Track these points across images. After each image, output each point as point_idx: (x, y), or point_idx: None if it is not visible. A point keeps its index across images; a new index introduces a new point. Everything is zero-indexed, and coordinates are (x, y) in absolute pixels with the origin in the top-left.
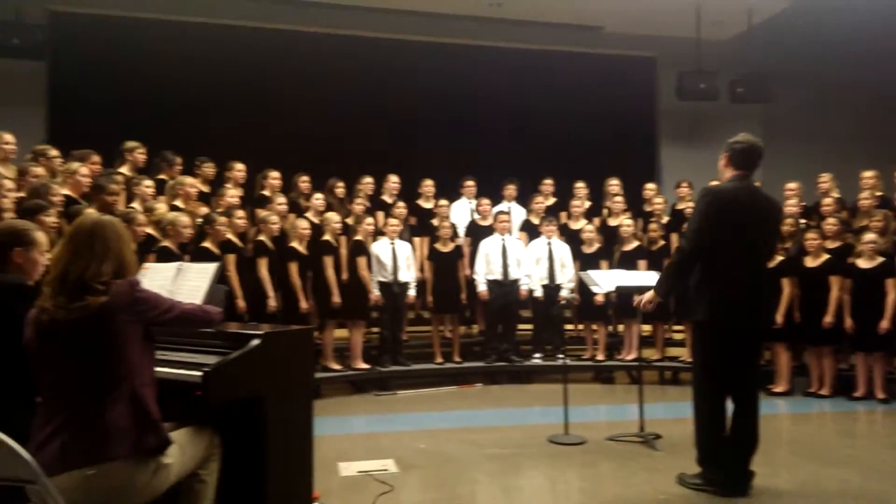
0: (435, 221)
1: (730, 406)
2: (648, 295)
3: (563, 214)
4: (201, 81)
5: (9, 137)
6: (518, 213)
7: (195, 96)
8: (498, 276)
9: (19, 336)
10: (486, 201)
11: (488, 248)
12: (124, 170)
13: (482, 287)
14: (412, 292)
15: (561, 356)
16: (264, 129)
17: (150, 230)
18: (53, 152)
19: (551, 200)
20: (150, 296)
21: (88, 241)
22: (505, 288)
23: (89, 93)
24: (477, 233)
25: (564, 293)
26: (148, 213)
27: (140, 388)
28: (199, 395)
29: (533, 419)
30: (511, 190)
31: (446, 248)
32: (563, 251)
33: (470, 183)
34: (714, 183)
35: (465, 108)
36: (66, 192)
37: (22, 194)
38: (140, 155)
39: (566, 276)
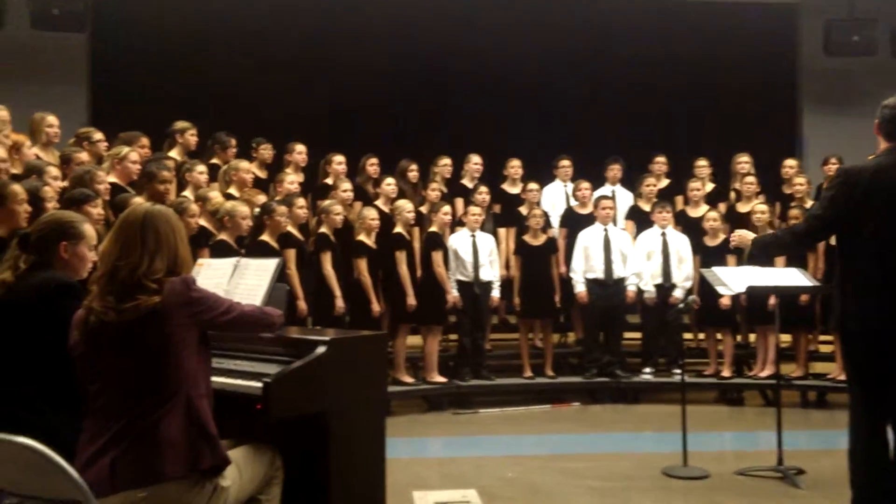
0: (523, 209)
1: (892, 435)
2: (743, 236)
3: (680, 199)
4: (258, 55)
5: (52, 120)
6: (624, 199)
7: (251, 71)
8: (599, 273)
9: (64, 340)
10: (585, 184)
11: (588, 241)
12: (175, 154)
13: (580, 287)
14: (496, 293)
15: (677, 371)
16: (327, 108)
17: (203, 222)
18: (98, 135)
19: (665, 182)
20: (206, 295)
21: (139, 234)
22: (608, 288)
23: (135, 68)
24: (574, 222)
25: (681, 294)
26: (201, 203)
27: (196, 399)
28: (260, 409)
29: (643, 446)
30: (615, 170)
31: (537, 240)
32: (680, 243)
33: (565, 163)
34: (870, 157)
35: (560, 73)
36: (113, 179)
37: (65, 183)
38: (192, 137)
39: (684, 274)
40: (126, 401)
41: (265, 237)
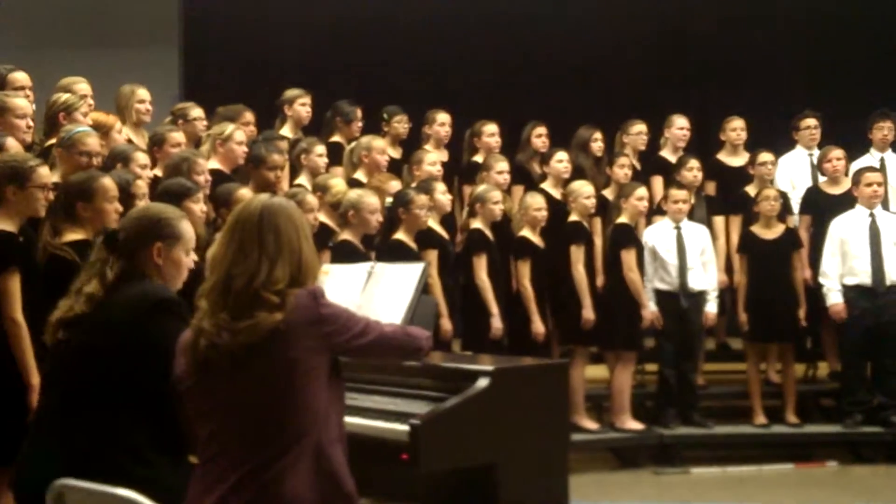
0: (751, 188)
1: None
2: None
3: None
4: (388, 5)
5: (143, 93)
6: None
7: (372, 22)
8: (864, 279)
9: (167, 369)
10: (837, 152)
11: (843, 232)
12: (286, 131)
13: (836, 299)
14: (712, 307)
15: None
16: (476, 66)
17: (323, 217)
18: (196, 111)
19: None
20: (339, 312)
21: (257, 234)
22: (879, 300)
23: (235, 27)
24: (824, 206)
25: None
26: (320, 193)
27: (328, 445)
28: (406, 460)
29: None
30: (885, 130)
31: (771, 232)
32: None
33: (810, 122)
34: None
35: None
36: (214, 164)
37: (156, 172)
38: (302, 108)
39: None
40: (244, 446)
41: (400, 235)
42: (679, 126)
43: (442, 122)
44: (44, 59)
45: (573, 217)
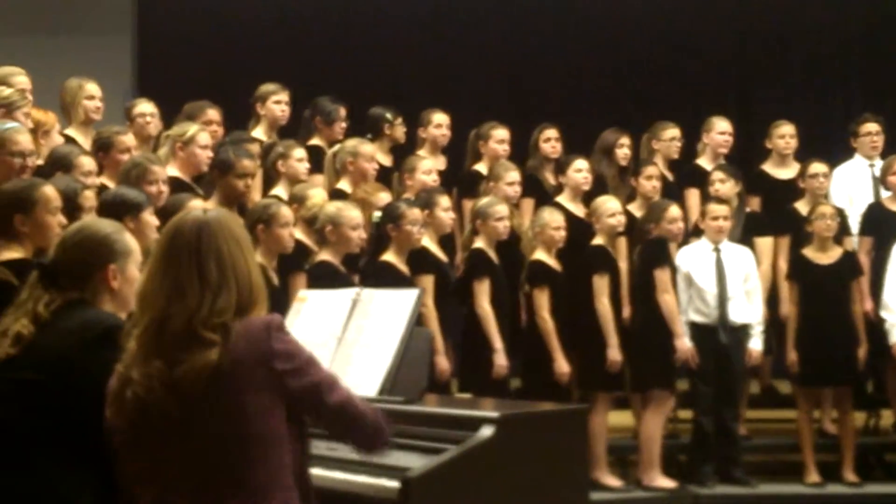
0: (801, 205)
1: None
2: None
3: None
4: None
5: (93, 89)
6: None
7: (360, 8)
8: None
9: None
10: None
11: None
12: (259, 133)
13: None
14: (757, 344)
15: None
16: (480, 61)
17: (299, 233)
18: (149, 108)
19: None
20: (298, 351)
21: (195, 264)
22: None
23: (195, 9)
24: (888, 225)
25: None
26: (296, 205)
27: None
28: None
29: None
30: None
31: (826, 256)
32: None
33: (871, 127)
34: None
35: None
36: (174, 171)
37: (103, 179)
38: (276, 106)
39: None
40: None
41: (389, 256)
42: (720, 130)
43: (438, 123)
44: None
45: (598, 240)
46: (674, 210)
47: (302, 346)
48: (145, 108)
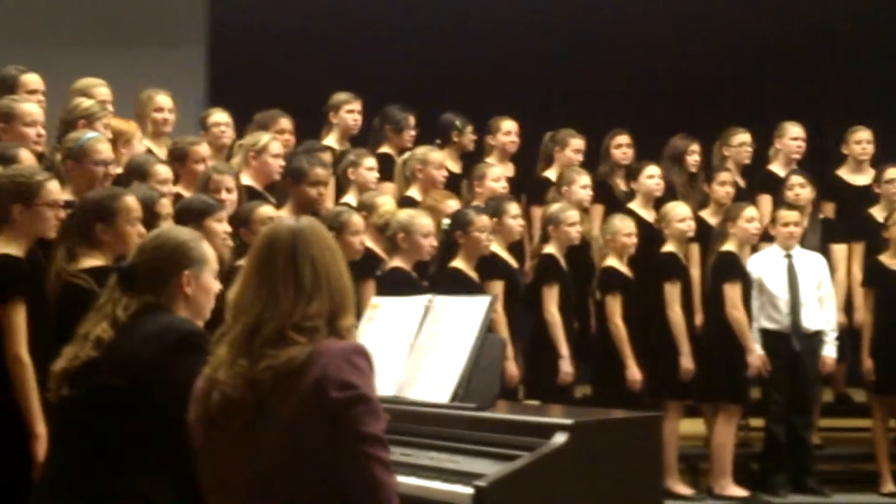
0: (876, 211)
1: None
2: None
3: None
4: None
5: (163, 100)
6: None
7: (431, 17)
8: None
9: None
10: None
11: None
12: (331, 141)
13: None
14: (831, 351)
15: None
16: (550, 69)
17: (369, 241)
18: (223, 117)
19: None
20: (368, 396)
21: (292, 271)
22: None
23: (266, 20)
24: None
25: None
26: (366, 213)
27: None
28: None
29: None
30: None
31: None
32: None
33: None
34: None
35: None
36: (247, 180)
37: (178, 189)
38: (352, 116)
39: None
40: None
41: (458, 263)
42: (793, 136)
43: (507, 130)
44: (51, 58)
45: (668, 247)
46: (750, 210)
47: (373, 387)
48: (220, 117)
